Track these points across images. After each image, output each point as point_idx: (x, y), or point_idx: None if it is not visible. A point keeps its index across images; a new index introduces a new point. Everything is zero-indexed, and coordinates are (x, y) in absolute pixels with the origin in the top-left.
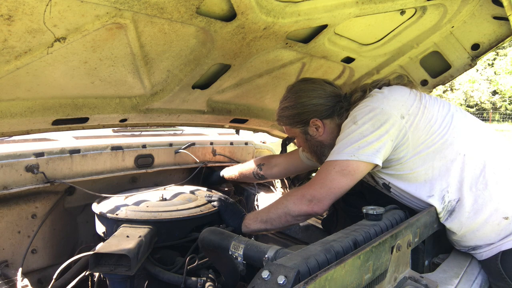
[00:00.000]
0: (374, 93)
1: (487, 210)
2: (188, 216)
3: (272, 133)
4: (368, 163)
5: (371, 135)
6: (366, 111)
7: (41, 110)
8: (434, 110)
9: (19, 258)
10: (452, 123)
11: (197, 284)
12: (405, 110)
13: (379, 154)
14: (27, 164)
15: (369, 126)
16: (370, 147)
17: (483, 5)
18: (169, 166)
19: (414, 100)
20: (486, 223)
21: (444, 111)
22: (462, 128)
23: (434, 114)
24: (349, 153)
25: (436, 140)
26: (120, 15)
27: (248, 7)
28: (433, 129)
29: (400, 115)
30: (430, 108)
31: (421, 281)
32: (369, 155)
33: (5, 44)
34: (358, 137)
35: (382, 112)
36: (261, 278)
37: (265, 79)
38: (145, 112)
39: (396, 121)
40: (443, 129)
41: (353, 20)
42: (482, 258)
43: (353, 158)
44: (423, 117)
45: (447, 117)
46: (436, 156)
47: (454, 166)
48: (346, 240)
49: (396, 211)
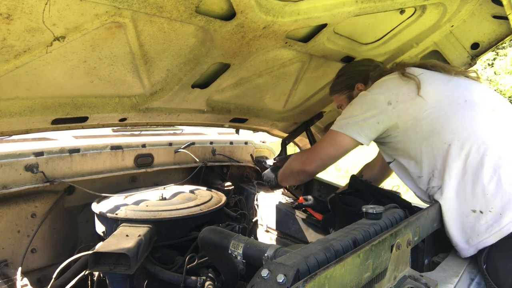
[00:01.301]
0: (379, 81)
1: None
2: (188, 215)
3: (272, 133)
4: (352, 138)
5: (358, 115)
6: (361, 96)
7: (40, 109)
8: (431, 97)
9: (19, 257)
10: (448, 113)
11: (197, 283)
12: (393, 98)
13: (363, 133)
14: (27, 163)
15: (358, 108)
16: (356, 125)
17: (483, 4)
18: (169, 166)
19: (409, 88)
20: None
21: (447, 100)
22: (459, 119)
23: (429, 103)
24: (339, 126)
25: (425, 128)
26: (119, 14)
27: (247, 6)
28: (422, 116)
29: (387, 102)
30: (426, 97)
31: (420, 280)
32: (353, 131)
33: (4, 43)
34: (348, 115)
35: (370, 99)
36: (260, 277)
37: (265, 79)
38: (144, 111)
39: (382, 107)
40: (434, 118)
41: (353, 19)
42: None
43: (341, 130)
44: (414, 105)
45: (445, 107)
46: (423, 142)
47: (440, 154)
48: (346, 239)
49: (396, 210)
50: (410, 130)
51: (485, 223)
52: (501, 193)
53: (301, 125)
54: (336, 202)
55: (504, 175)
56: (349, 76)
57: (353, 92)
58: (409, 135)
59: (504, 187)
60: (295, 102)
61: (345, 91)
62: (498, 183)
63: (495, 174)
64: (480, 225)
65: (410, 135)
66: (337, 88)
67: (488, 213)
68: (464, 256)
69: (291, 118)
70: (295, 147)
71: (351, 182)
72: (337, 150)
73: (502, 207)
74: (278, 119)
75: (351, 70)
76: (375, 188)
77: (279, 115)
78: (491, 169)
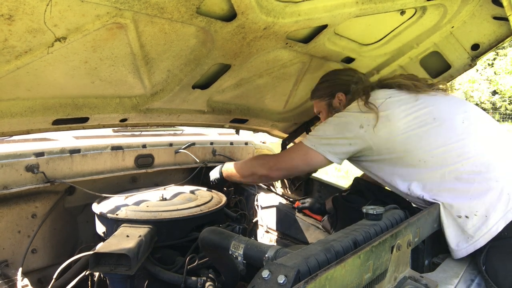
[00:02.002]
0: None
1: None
2: (188, 216)
3: (272, 133)
4: (324, 157)
5: (331, 136)
6: (337, 116)
7: (41, 109)
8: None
9: (19, 257)
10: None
11: (197, 284)
12: (365, 121)
13: (334, 153)
14: (27, 164)
15: (332, 129)
16: (328, 145)
17: (483, 5)
18: (169, 166)
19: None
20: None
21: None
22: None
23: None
24: (312, 142)
25: (398, 148)
26: (120, 15)
27: (248, 7)
28: (394, 138)
29: (359, 125)
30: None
31: (421, 280)
32: (325, 151)
33: (5, 44)
34: (321, 133)
35: (345, 121)
36: (261, 278)
37: (265, 79)
38: (145, 112)
39: (354, 130)
40: (405, 139)
41: (353, 20)
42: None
43: (313, 147)
44: (385, 127)
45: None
46: (398, 161)
47: (415, 169)
48: (346, 240)
49: (396, 211)
50: (384, 151)
51: (472, 226)
52: (483, 196)
53: (301, 125)
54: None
55: (483, 179)
56: (332, 84)
57: (334, 100)
58: (383, 156)
59: (485, 190)
60: (295, 102)
61: (326, 98)
62: (479, 187)
63: (475, 179)
64: (468, 229)
65: (384, 155)
66: (318, 94)
67: (474, 216)
68: (456, 258)
69: (291, 119)
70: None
71: (354, 183)
72: (307, 166)
73: (486, 209)
74: (278, 120)
75: (334, 78)
76: (377, 188)
77: (279, 116)
78: (471, 175)
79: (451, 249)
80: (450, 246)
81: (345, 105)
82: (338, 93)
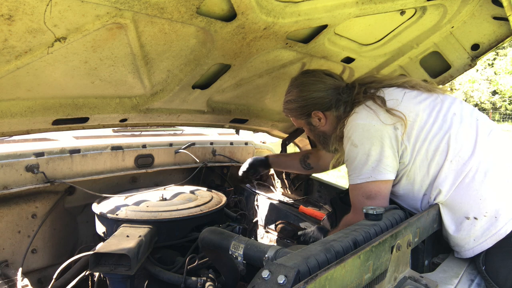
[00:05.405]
0: (363, 107)
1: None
2: (188, 216)
3: (272, 133)
4: (386, 180)
5: (374, 153)
6: (360, 131)
7: (41, 110)
8: (422, 117)
9: (19, 258)
10: (446, 128)
11: (197, 284)
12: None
13: (390, 168)
14: (27, 164)
15: (369, 145)
16: (381, 165)
17: (483, 5)
18: (169, 166)
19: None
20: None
21: (438, 117)
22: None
23: (421, 121)
24: (366, 174)
25: (425, 147)
26: (120, 15)
27: (248, 7)
28: (423, 136)
29: (393, 125)
30: (419, 116)
31: (421, 281)
32: (384, 173)
33: (5, 44)
34: (365, 158)
35: (375, 128)
36: (261, 278)
37: (265, 79)
38: (145, 112)
39: (391, 132)
40: (435, 136)
41: (353, 20)
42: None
43: (371, 179)
44: (411, 124)
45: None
46: (424, 161)
47: (432, 166)
48: (346, 240)
49: (396, 211)
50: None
51: (481, 227)
52: (494, 196)
53: None
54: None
55: (495, 178)
56: (301, 105)
57: (311, 120)
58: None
59: (496, 190)
60: None
61: (303, 118)
62: (490, 186)
63: (486, 178)
64: (476, 231)
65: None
66: (292, 113)
67: (483, 217)
68: (460, 257)
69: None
70: (295, 147)
71: None
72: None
73: (496, 210)
74: (279, 120)
75: (304, 97)
76: None
77: (280, 116)
78: (482, 174)
79: (455, 250)
80: (455, 248)
81: (328, 121)
82: (313, 112)
